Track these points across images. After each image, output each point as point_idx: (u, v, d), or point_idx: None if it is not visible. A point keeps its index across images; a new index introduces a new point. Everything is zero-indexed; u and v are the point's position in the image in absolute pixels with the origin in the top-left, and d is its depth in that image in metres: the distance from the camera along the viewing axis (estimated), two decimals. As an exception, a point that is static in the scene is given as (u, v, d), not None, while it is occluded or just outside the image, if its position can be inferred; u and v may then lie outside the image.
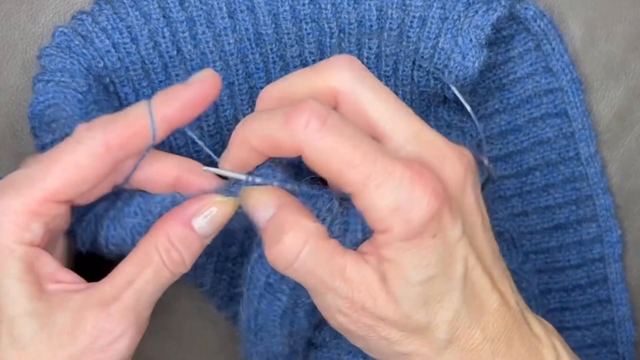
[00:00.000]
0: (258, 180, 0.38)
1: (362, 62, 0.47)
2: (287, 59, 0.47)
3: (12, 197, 0.37)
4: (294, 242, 0.36)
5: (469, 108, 0.42)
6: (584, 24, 0.51)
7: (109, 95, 0.45)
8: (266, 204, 0.37)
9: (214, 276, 0.50)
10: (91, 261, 0.42)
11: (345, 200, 0.38)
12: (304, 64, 0.48)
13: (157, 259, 0.37)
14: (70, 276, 0.39)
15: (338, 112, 0.37)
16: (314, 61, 0.48)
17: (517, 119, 0.52)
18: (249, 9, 0.46)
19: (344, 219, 0.38)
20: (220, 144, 0.48)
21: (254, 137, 0.37)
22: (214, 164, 0.40)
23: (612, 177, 0.53)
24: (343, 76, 0.37)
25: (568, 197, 0.53)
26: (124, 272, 0.38)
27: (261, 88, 0.47)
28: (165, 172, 0.40)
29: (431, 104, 0.50)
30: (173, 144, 0.47)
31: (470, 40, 0.46)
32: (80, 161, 0.37)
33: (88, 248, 0.42)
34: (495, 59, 0.50)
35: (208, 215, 0.38)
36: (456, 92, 0.43)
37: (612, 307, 0.53)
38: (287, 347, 0.45)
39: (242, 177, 0.38)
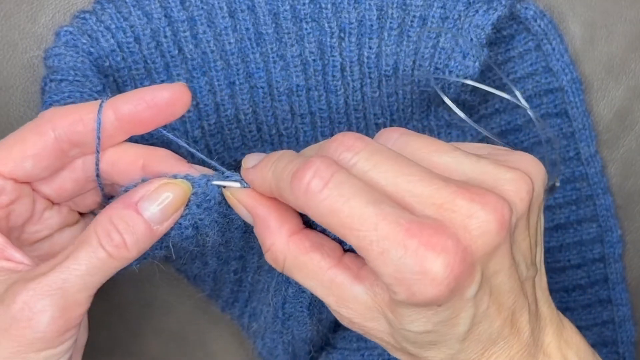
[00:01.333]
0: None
1: (362, 62, 0.47)
2: (287, 59, 0.47)
3: None
4: (273, 255, 0.36)
5: (463, 115, 0.41)
6: (584, 24, 0.51)
7: (112, 94, 0.46)
8: (242, 208, 0.38)
9: (214, 284, 0.50)
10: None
11: None
12: (304, 64, 0.48)
13: (95, 240, 0.36)
14: (20, 256, 0.38)
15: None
16: (314, 61, 0.48)
17: (517, 119, 0.51)
18: (249, 9, 0.46)
19: None
20: (220, 143, 0.48)
21: (270, 179, 0.37)
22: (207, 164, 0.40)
23: (612, 177, 0.53)
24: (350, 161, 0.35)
25: (568, 197, 0.53)
26: (63, 253, 0.37)
27: (262, 88, 0.48)
28: (132, 161, 0.39)
29: (431, 103, 0.50)
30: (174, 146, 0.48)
31: (471, 40, 0.46)
32: (27, 137, 0.38)
33: None
34: (495, 59, 0.50)
35: (161, 202, 0.37)
36: (445, 98, 0.42)
37: (613, 307, 0.53)
38: (315, 333, 0.45)
39: (236, 181, 0.38)
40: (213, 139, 0.48)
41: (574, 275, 0.53)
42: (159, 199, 0.37)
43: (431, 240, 0.32)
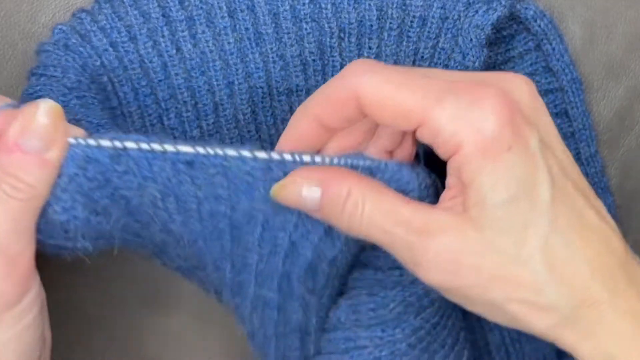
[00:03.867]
0: (306, 158, 0.37)
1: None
2: (287, 59, 0.47)
3: None
4: (354, 206, 0.36)
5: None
6: (584, 24, 0.51)
7: (107, 94, 0.46)
8: (309, 184, 0.37)
9: (202, 287, 0.50)
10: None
11: None
12: (304, 64, 0.48)
13: (1, 194, 0.36)
14: None
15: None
16: (314, 61, 0.48)
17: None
18: (248, 8, 0.46)
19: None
20: (219, 143, 0.48)
21: (314, 104, 0.37)
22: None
23: (612, 177, 0.53)
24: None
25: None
26: None
27: (261, 87, 0.48)
28: None
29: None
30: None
31: (471, 40, 0.46)
32: None
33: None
34: (495, 59, 0.50)
35: (32, 133, 0.36)
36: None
37: None
38: (303, 315, 0.44)
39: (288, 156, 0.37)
40: (211, 139, 0.48)
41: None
42: (34, 130, 0.36)
43: (482, 85, 0.34)
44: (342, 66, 0.48)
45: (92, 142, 0.36)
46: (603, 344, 0.35)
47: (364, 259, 0.43)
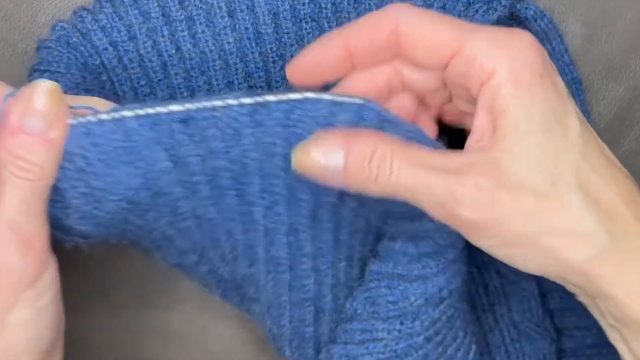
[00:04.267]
0: (311, 95, 0.36)
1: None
2: (287, 59, 0.47)
3: None
4: (382, 161, 0.35)
5: None
6: (584, 24, 0.51)
7: (106, 92, 0.46)
8: (331, 148, 0.36)
9: (204, 283, 0.50)
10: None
11: None
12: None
13: (10, 177, 0.36)
14: None
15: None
16: None
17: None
18: (248, 8, 0.46)
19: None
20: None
21: (347, 30, 0.38)
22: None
23: (612, 177, 0.53)
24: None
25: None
26: None
27: (261, 87, 0.48)
28: None
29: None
30: None
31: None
32: None
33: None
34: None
35: (33, 113, 0.36)
36: None
37: None
38: (315, 282, 0.44)
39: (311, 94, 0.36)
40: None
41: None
42: (34, 110, 0.36)
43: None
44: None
45: (92, 118, 0.36)
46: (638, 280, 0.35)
47: (383, 253, 0.43)
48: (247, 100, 0.36)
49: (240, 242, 0.43)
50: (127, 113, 0.36)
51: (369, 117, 0.36)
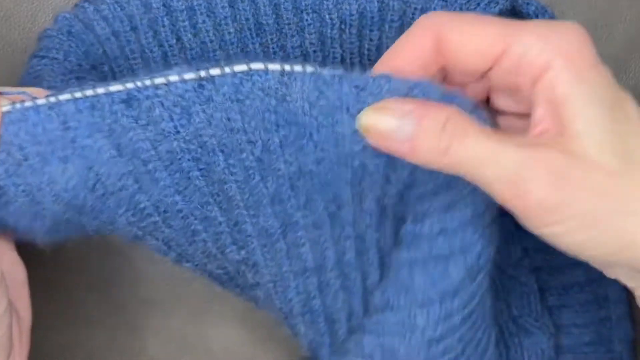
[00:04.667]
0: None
1: (363, 54, 0.47)
2: (287, 50, 0.47)
3: None
4: (454, 130, 0.34)
5: None
6: (584, 24, 0.51)
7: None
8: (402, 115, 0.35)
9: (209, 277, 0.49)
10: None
11: None
12: (305, 55, 0.48)
13: None
14: None
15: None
16: (315, 52, 0.48)
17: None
18: None
19: None
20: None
21: (391, 54, 0.38)
22: None
23: (613, 176, 0.53)
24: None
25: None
26: None
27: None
28: None
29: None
30: None
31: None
32: None
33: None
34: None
35: None
36: None
37: (610, 305, 0.53)
38: (312, 249, 0.43)
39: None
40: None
41: (571, 273, 0.53)
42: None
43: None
44: (342, 58, 0.48)
45: (28, 104, 0.34)
46: None
47: (410, 239, 0.41)
48: (190, 76, 0.34)
49: (223, 225, 0.41)
50: (65, 96, 0.34)
51: (428, 93, 0.35)
